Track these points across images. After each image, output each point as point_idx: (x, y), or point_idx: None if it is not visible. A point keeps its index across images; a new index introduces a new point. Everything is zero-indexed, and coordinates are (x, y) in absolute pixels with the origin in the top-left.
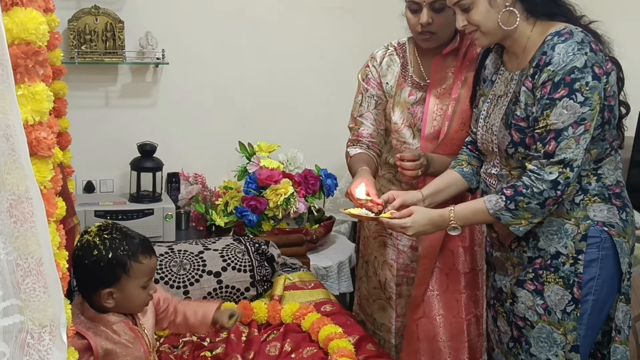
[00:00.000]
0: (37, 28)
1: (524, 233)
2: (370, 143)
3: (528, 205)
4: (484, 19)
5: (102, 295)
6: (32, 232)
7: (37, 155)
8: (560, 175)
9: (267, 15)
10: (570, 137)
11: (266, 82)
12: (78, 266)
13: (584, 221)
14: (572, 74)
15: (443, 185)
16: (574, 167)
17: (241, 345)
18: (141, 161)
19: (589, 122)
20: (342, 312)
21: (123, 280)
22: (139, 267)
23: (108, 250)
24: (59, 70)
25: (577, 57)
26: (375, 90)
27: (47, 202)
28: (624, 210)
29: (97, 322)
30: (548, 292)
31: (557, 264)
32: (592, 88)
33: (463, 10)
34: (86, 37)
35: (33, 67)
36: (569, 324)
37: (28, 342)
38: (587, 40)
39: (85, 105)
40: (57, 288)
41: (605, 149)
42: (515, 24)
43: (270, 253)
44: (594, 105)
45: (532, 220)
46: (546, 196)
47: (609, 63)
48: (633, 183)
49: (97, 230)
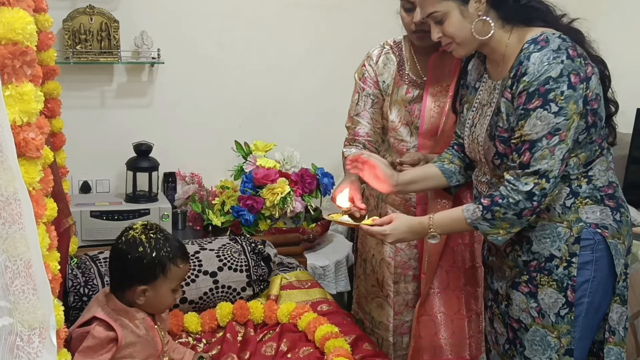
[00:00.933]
0: (24, 28)
1: (503, 242)
2: (366, 142)
3: (504, 215)
4: (458, 30)
5: (137, 291)
6: (20, 234)
7: (26, 157)
8: (536, 186)
9: (263, 14)
10: (544, 148)
11: (262, 81)
12: (118, 259)
13: (576, 224)
14: (546, 84)
15: (420, 176)
16: (549, 177)
17: (237, 346)
18: (137, 161)
19: (564, 132)
20: (338, 311)
21: (159, 280)
22: (176, 270)
23: (153, 250)
24: (52, 70)
25: (552, 67)
26: (372, 89)
27: (36, 204)
28: (617, 210)
29: (123, 315)
30: (542, 295)
31: (550, 266)
32: (567, 97)
33: (436, 22)
34: (81, 36)
35: (20, 68)
36: (562, 327)
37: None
38: (564, 47)
39: (81, 105)
40: (47, 290)
41: (594, 151)
42: (490, 33)
43: (266, 252)
44: (570, 114)
45: (510, 230)
46: (522, 207)
47: (589, 67)
48: (631, 180)
49: (142, 228)
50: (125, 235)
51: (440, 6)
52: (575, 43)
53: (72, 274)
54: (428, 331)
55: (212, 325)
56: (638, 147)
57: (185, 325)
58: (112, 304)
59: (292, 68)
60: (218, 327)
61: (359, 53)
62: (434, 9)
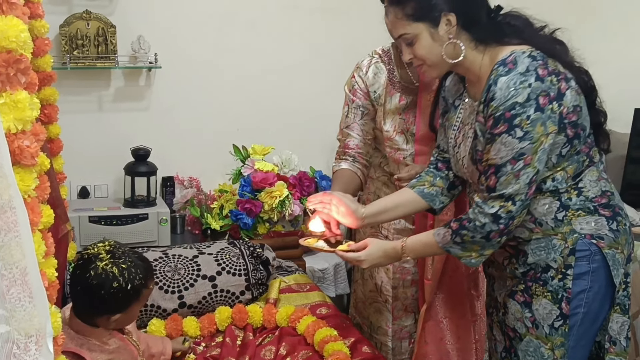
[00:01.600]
0: (17, 36)
1: (478, 264)
2: (357, 154)
3: (473, 239)
4: (428, 52)
5: (110, 320)
6: (16, 242)
7: (21, 164)
8: (501, 208)
9: (260, 17)
10: (509, 173)
11: (260, 84)
12: (88, 293)
13: (570, 235)
14: (512, 109)
15: (390, 205)
16: (515, 200)
17: (236, 350)
18: (135, 166)
19: (529, 156)
20: (337, 314)
21: (133, 305)
22: (147, 292)
23: (127, 282)
24: (49, 77)
25: (518, 92)
26: (362, 101)
27: (32, 211)
28: (614, 219)
29: (88, 335)
30: (536, 305)
31: (546, 277)
32: (533, 121)
33: (407, 44)
34: (78, 42)
35: (15, 76)
36: (556, 339)
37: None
38: (533, 67)
39: (79, 110)
40: (43, 298)
41: (582, 162)
42: (461, 56)
43: (265, 256)
44: (536, 137)
45: (482, 252)
46: (489, 229)
47: (562, 83)
48: (629, 180)
49: (109, 257)
50: (93, 269)
51: (410, 28)
52: (548, 58)
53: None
54: (434, 337)
55: (211, 329)
56: (636, 147)
57: (184, 329)
58: (75, 325)
59: (289, 71)
60: (217, 331)
61: (356, 56)
62: (404, 31)
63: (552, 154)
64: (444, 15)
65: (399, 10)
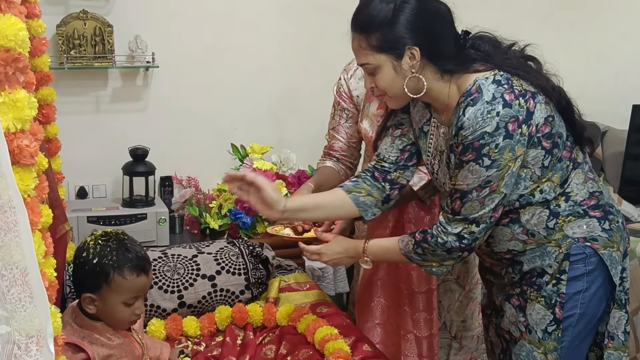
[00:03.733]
0: (16, 34)
1: (440, 274)
2: (340, 156)
3: (434, 252)
4: (389, 85)
5: (84, 299)
6: (16, 242)
7: (20, 164)
8: (464, 229)
9: (256, 17)
10: (474, 200)
11: (257, 83)
12: (73, 267)
13: (564, 240)
14: (481, 139)
15: (310, 205)
16: (479, 223)
17: (237, 349)
18: (133, 165)
19: (495, 183)
20: (338, 313)
21: (104, 290)
22: (121, 281)
23: (95, 256)
24: (46, 76)
25: (487, 122)
26: (347, 104)
27: (31, 211)
28: (605, 219)
29: (91, 329)
30: (530, 310)
31: (541, 282)
32: (501, 149)
33: (369, 73)
34: (75, 42)
35: (13, 75)
36: (549, 343)
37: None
38: (499, 94)
39: (76, 110)
40: (43, 298)
41: (566, 167)
42: (423, 91)
43: (264, 255)
44: (503, 164)
45: (443, 263)
46: (450, 247)
47: (530, 101)
48: (628, 176)
49: (99, 235)
50: (82, 242)
51: (372, 59)
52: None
53: (70, 280)
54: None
55: (211, 329)
56: (634, 143)
57: (184, 329)
58: (79, 319)
59: (287, 70)
60: (217, 330)
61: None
62: (367, 60)
63: (535, 167)
64: (408, 49)
65: (363, 39)
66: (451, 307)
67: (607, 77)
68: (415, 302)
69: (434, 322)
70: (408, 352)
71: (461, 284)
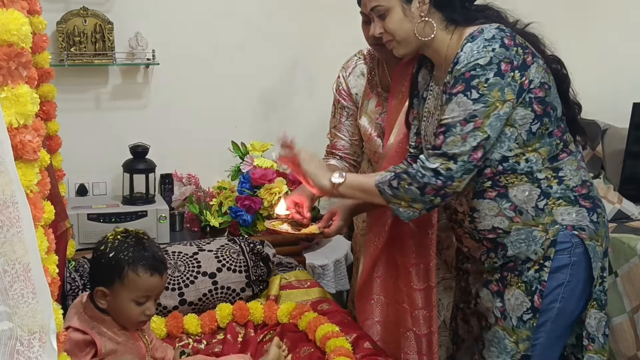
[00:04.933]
0: (19, 29)
1: (407, 218)
2: (343, 155)
3: (409, 186)
4: (398, 28)
5: (97, 292)
6: (19, 238)
7: (23, 159)
8: (442, 165)
9: (257, 14)
10: (457, 134)
11: (258, 81)
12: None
13: (552, 226)
14: (472, 70)
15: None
16: (457, 160)
17: (238, 346)
18: (133, 163)
19: (480, 120)
20: (338, 310)
21: (116, 285)
22: (135, 278)
23: (112, 250)
24: (47, 73)
25: (481, 55)
26: (346, 102)
27: (34, 207)
28: (594, 211)
29: (100, 322)
30: (508, 295)
31: (522, 268)
32: (491, 85)
33: (379, 17)
34: (75, 39)
35: (16, 69)
36: (522, 332)
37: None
38: (499, 36)
39: (76, 107)
40: (46, 294)
41: (555, 145)
42: (432, 34)
43: (265, 253)
44: (491, 102)
45: (412, 204)
46: (426, 181)
47: (529, 56)
48: (628, 174)
49: (119, 231)
50: (103, 235)
51: (383, 1)
52: (518, 36)
53: (70, 277)
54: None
55: (212, 326)
56: (635, 141)
57: (185, 327)
58: (90, 311)
59: (287, 67)
60: (218, 328)
61: (355, 52)
62: (377, 2)
63: (521, 129)
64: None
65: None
66: (450, 305)
67: (608, 75)
68: (414, 299)
69: (433, 319)
70: (408, 350)
71: None
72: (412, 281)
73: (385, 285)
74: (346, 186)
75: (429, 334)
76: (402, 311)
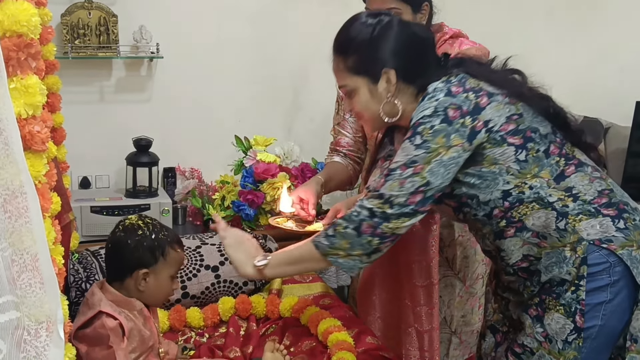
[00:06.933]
0: (28, 20)
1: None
2: (347, 152)
3: (345, 230)
4: (365, 108)
5: (139, 276)
6: (27, 228)
7: (31, 150)
8: (378, 208)
9: (262, 8)
10: (396, 179)
11: (262, 75)
12: (117, 247)
13: (579, 244)
14: (420, 119)
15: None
16: (394, 204)
17: (240, 340)
18: (137, 156)
19: (420, 165)
20: (340, 305)
21: (160, 263)
22: (174, 254)
23: (152, 232)
24: (52, 65)
25: (425, 107)
26: None
27: (42, 197)
28: (619, 218)
29: (123, 306)
30: (548, 320)
31: (560, 290)
32: (436, 132)
33: (347, 96)
34: (79, 31)
35: (25, 60)
36: (569, 353)
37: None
38: (446, 88)
39: (80, 100)
40: (54, 284)
41: (556, 163)
42: (397, 116)
43: (267, 247)
44: (433, 148)
45: (351, 252)
46: (361, 218)
47: (484, 98)
48: (630, 173)
49: (137, 216)
50: (122, 224)
51: (350, 81)
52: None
53: (74, 270)
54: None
55: (214, 320)
56: (637, 140)
57: (188, 320)
58: (110, 295)
59: (291, 62)
60: (220, 321)
61: None
62: (344, 82)
63: (508, 162)
64: (384, 72)
65: (341, 60)
66: (451, 302)
67: (611, 74)
68: (416, 295)
69: (434, 316)
70: (410, 346)
71: (462, 279)
72: (414, 278)
73: (388, 281)
74: (272, 266)
75: (431, 330)
76: (404, 307)
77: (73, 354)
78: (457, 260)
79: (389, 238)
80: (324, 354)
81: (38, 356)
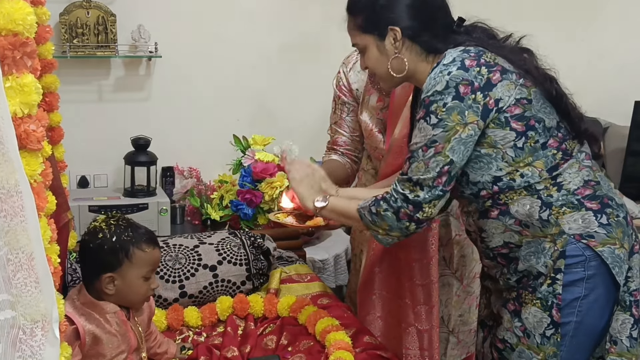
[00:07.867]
0: (24, 19)
1: (386, 244)
2: (344, 151)
3: (385, 212)
4: (375, 65)
5: (104, 280)
6: (22, 227)
7: (27, 149)
8: (411, 193)
9: (259, 7)
10: (420, 160)
11: (260, 74)
12: (83, 251)
13: (559, 237)
14: (431, 96)
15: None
16: (424, 186)
17: (237, 339)
18: (135, 155)
19: (440, 144)
20: (338, 304)
21: (125, 266)
22: (141, 255)
23: (112, 235)
24: (50, 64)
25: (437, 80)
26: (347, 98)
27: (38, 196)
28: (602, 213)
29: (92, 308)
30: (525, 314)
31: (536, 284)
32: (449, 109)
33: (360, 53)
34: (78, 30)
35: (21, 59)
36: (548, 348)
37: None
38: (460, 58)
39: (78, 99)
40: (49, 283)
41: (552, 155)
42: (404, 71)
43: (266, 246)
44: (450, 126)
45: (389, 232)
46: (399, 205)
47: (496, 74)
48: (628, 173)
49: (104, 218)
50: (88, 227)
51: (360, 39)
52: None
53: (72, 269)
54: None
55: (212, 319)
56: (636, 140)
57: (186, 319)
58: (82, 297)
59: (290, 61)
60: (218, 321)
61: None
62: (355, 40)
63: (505, 148)
64: (391, 29)
65: (352, 20)
66: (449, 301)
67: (610, 73)
68: (416, 294)
69: (434, 315)
70: (409, 345)
71: (459, 278)
72: (414, 276)
73: (387, 280)
74: (328, 210)
75: (430, 329)
76: (404, 306)
77: (69, 353)
78: (455, 260)
79: (424, 222)
80: (322, 353)
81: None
